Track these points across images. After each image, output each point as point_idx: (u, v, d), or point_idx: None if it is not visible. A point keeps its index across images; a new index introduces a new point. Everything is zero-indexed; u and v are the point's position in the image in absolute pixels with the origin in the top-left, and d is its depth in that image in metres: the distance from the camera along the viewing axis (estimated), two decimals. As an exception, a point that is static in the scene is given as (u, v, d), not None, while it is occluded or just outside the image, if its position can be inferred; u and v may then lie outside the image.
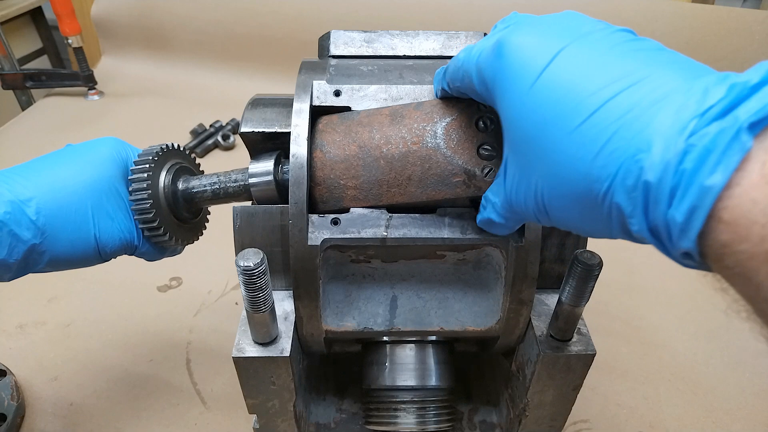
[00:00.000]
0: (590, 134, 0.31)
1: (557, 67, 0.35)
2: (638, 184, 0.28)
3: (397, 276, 0.58)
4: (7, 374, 0.82)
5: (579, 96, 0.32)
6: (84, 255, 0.57)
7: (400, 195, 0.53)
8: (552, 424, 0.64)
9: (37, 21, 2.50)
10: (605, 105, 0.31)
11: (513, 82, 0.38)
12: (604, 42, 0.35)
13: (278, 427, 0.62)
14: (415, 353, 0.64)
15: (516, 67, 0.38)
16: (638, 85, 0.30)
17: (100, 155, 0.59)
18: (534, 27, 0.39)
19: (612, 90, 0.31)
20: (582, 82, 0.33)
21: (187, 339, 0.93)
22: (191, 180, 0.62)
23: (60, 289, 1.02)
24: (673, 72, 0.31)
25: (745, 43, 1.42)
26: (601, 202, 0.31)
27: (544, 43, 0.36)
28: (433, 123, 0.52)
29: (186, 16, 1.79)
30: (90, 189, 0.56)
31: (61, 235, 0.54)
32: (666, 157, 0.26)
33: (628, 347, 0.93)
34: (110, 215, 0.58)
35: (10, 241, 0.51)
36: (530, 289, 0.55)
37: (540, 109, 0.35)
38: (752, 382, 0.88)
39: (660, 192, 0.27)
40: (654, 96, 0.29)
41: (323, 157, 0.54)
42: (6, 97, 1.99)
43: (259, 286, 0.49)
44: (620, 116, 0.30)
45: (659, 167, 0.27)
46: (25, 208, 0.52)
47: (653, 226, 0.29)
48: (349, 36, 0.62)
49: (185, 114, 1.60)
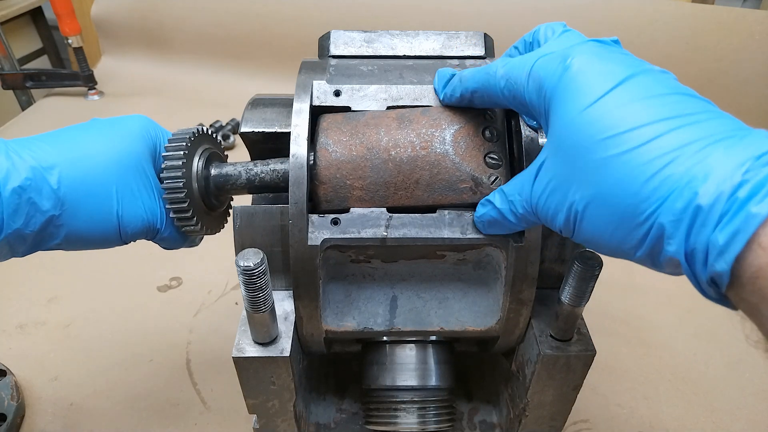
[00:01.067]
0: (645, 158, 0.34)
1: (622, 91, 0.37)
2: (688, 207, 0.31)
3: (397, 276, 0.58)
4: (7, 374, 0.82)
5: (639, 122, 0.35)
6: (103, 233, 0.54)
7: (407, 198, 0.53)
8: (552, 424, 0.64)
9: (37, 21, 2.50)
10: (664, 135, 0.34)
11: (576, 94, 0.39)
12: (666, 82, 0.38)
13: (278, 427, 0.62)
14: (415, 353, 0.64)
15: (582, 81, 0.39)
16: (697, 126, 0.34)
17: (130, 131, 0.56)
18: (601, 52, 0.41)
19: (672, 124, 0.34)
20: (644, 110, 0.36)
21: (187, 339, 0.93)
22: (224, 166, 0.60)
23: (60, 289, 1.02)
24: (726, 120, 0.34)
25: (745, 43, 1.42)
26: (644, 221, 0.34)
27: (612, 66, 0.39)
28: (442, 129, 0.53)
29: (186, 16, 1.79)
30: (116, 163, 0.53)
31: (81, 208, 0.51)
32: (722, 187, 0.30)
33: (628, 347, 0.93)
34: (135, 193, 0.55)
35: (28, 209, 0.48)
36: (530, 289, 0.55)
37: (598, 125, 0.37)
38: (752, 382, 0.88)
39: (709, 216, 0.30)
40: (711, 137, 0.33)
41: (329, 156, 0.54)
42: (6, 97, 1.99)
43: (259, 286, 0.49)
44: (678, 147, 0.33)
45: (714, 194, 0.30)
46: (47, 176, 0.49)
47: (691, 248, 0.32)
48: (349, 36, 0.62)
49: (185, 114, 1.60)
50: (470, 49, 0.61)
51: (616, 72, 0.38)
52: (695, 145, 0.33)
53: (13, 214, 0.47)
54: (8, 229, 0.47)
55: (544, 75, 0.42)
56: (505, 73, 0.46)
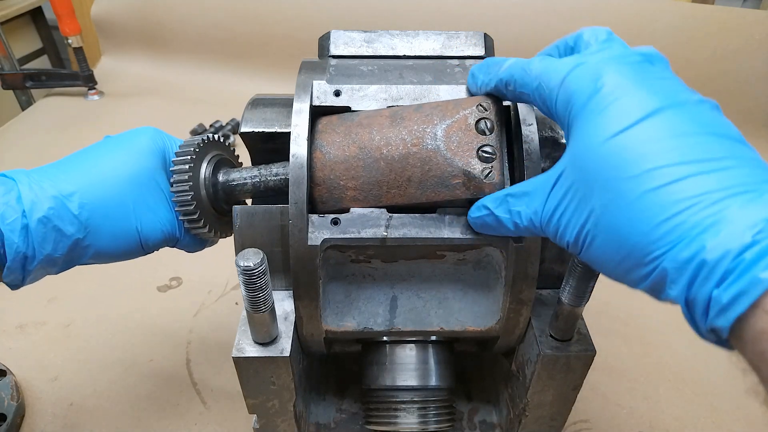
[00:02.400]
0: (661, 202, 0.34)
1: (650, 125, 0.36)
2: (693, 259, 0.31)
3: (397, 276, 0.58)
4: (7, 374, 0.82)
5: (661, 162, 0.35)
6: (127, 248, 0.57)
7: (400, 196, 0.53)
8: (552, 424, 0.64)
9: (37, 21, 2.50)
10: (682, 180, 0.33)
11: (602, 120, 0.38)
12: (700, 118, 0.37)
13: (278, 427, 0.62)
14: (415, 353, 0.64)
15: (613, 108, 0.38)
16: (718, 173, 0.33)
17: (139, 146, 0.59)
18: (638, 73, 0.39)
19: (693, 169, 0.34)
20: (667, 151, 0.35)
21: (187, 339, 0.93)
22: (231, 173, 0.61)
23: (60, 289, 1.02)
24: (751, 169, 0.34)
25: (745, 43, 1.42)
26: (649, 261, 0.35)
27: (645, 94, 0.38)
28: (433, 125, 0.52)
29: (186, 16, 1.79)
30: (130, 182, 0.56)
31: (104, 229, 0.55)
32: (730, 244, 0.30)
33: (628, 347, 0.93)
34: (151, 208, 0.58)
35: (54, 236, 0.51)
36: (530, 289, 0.55)
37: (623, 156, 0.36)
38: (752, 382, 0.88)
39: (713, 272, 0.30)
40: (731, 188, 0.32)
41: (323, 157, 0.54)
42: (6, 97, 1.99)
43: (259, 286, 0.49)
44: (695, 195, 0.33)
45: (721, 251, 0.30)
46: (68, 203, 0.52)
47: (691, 298, 0.32)
48: (349, 36, 0.62)
49: (185, 114, 1.60)
50: (470, 49, 0.61)
51: (647, 102, 0.37)
52: (713, 196, 0.32)
53: (42, 242, 0.51)
54: (40, 255, 0.51)
55: (574, 89, 0.41)
56: (539, 74, 0.45)
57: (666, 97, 0.37)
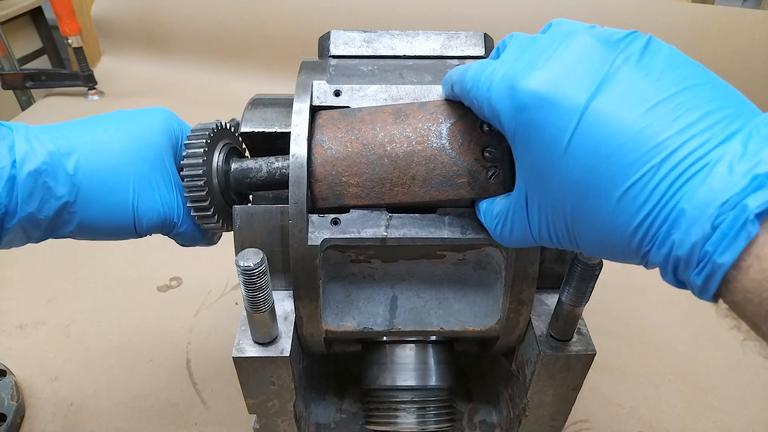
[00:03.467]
0: (627, 209, 0.35)
1: (585, 132, 0.35)
2: (669, 254, 0.34)
3: (397, 276, 0.58)
4: (7, 374, 0.82)
5: (614, 167, 0.35)
6: (118, 224, 0.53)
7: (403, 194, 0.53)
8: (552, 424, 0.64)
9: (37, 21, 2.49)
10: (638, 182, 0.34)
11: (541, 145, 0.38)
12: (630, 90, 0.35)
13: (278, 427, 0.62)
14: (415, 353, 0.64)
15: (541, 132, 0.37)
16: (669, 160, 0.33)
17: (151, 122, 0.56)
18: (547, 69, 0.37)
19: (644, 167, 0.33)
20: (614, 153, 0.34)
21: (187, 339, 0.93)
22: (245, 161, 0.59)
23: (60, 289, 1.02)
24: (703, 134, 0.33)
25: (745, 43, 1.42)
26: (640, 258, 0.37)
27: (566, 97, 0.36)
28: (438, 124, 0.52)
29: (186, 16, 1.79)
30: (135, 154, 0.53)
31: (96, 196, 0.51)
32: (694, 238, 0.32)
33: (628, 347, 0.93)
34: (153, 185, 0.54)
35: (42, 194, 0.48)
36: (530, 289, 0.55)
37: (572, 177, 0.36)
38: (752, 382, 0.88)
39: (688, 263, 0.33)
40: (683, 173, 0.33)
41: (324, 153, 0.53)
42: (6, 97, 1.99)
43: (259, 286, 0.49)
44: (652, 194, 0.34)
45: (688, 246, 0.32)
46: (65, 161, 0.49)
47: (681, 280, 0.35)
48: (349, 36, 0.62)
49: (185, 114, 1.58)
50: (470, 49, 0.61)
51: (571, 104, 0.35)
52: (670, 189, 0.33)
53: (28, 198, 0.47)
54: (22, 212, 0.47)
55: (499, 110, 0.40)
56: (471, 88, 0.44)
57: (587, 84, 0.35)
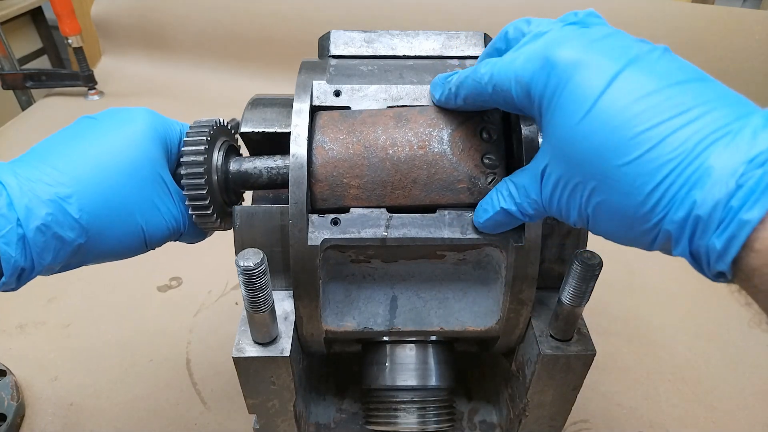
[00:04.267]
0: (647, 169, 0.34)
1: (613, 95, 0.36)
2: (689, 217, 0.33)
3: (397, 276, 0.58)
4: (7, 374, 0.82)
5: (636, 129, 0.35)
6: (130, 248, 0.54)
7: (404, 197, 0.53)
8: (552, 424, 0.64)
9: (37, 21, 2.49)
10: (662, 142, 0.34)
11: (568, 104, 0.38)
12: (655, 70, 0.37)
13: (278, 427, 0.61)
14: (415, 353, 0.64)
15: (571, 89, 0.38)
16: (692, 125, 0.33)
17: (137, 133, 0.53)
18: (581, 43, 0.39)
19: (667, 128, 0.34)
20: (639, 115, 0.35)
21: (187, 339, 0.93)
22: (244, 162, 0.58)
23: (60, 289, 1.02)
24: (724, 109, 0.34)
25: (745, 43, 1.42)
26: (652, 227, 0.35)
27: (598, 65, 0.37)
28: (440, 129, 0.53)
29: (186, 16, 1.79)
30: (132, 177, 0.52)
31: (107, 231, 0.50)
32: (718, 195, 0.31)
33: (628, 347, 0.93)
34: (156, 205, 0.54)
35: (54, 244, 0.46)
36: (530, 289, 0.55)
37: (596, 137, 0.37)
38: (752, 382, 0.88)
39: (708, 224, 0.32)
40: (707, 138, 0.33)
41: (326, 154, 0.54)
42: (6, 97, 1.99)
43: (259, 286, 0.49)
44: (675, 155, 0.33)
45: (711, 204, 0.31)
46: (67, 207, 0.47)
47: (695, 251, 0.34)
48: (349, 36, 0.62)
49: (185, 114, 1.58)
50: (470, 49, 0.61)
51: (601, 72, 0.37)
52: (693, 151, 0.33)
53: (42, 252, 0.46)
54: (39, 267, 0.46)
55: (529, 81, 0.41)
56: (490, 79, 0.45)
57: (619, 57, 0.37)
